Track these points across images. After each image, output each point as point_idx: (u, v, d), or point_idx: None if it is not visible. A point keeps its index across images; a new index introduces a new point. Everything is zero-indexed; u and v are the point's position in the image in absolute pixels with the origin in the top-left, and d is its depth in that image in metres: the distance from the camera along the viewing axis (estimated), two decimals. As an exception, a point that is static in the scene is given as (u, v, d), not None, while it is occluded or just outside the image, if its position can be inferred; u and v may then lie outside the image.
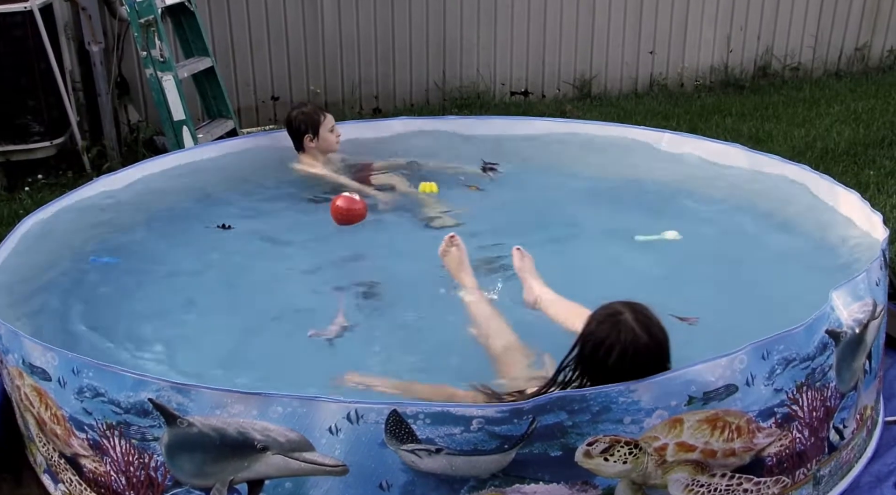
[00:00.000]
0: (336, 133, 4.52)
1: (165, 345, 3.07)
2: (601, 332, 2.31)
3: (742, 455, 2.41)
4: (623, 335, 2.28)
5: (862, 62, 8.99)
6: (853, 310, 2.65)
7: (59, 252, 3.66)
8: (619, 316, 2.31)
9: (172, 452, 2.37)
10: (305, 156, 4.52)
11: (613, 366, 2.29)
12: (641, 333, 2.29)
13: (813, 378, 2.51)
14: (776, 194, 4.03)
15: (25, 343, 2.61)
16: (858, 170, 5.86)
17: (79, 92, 6.29)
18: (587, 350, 2.34)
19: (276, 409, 2.26)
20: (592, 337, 2.33)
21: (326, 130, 4.47)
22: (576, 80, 8.22)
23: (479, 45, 7.89)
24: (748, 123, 7.13)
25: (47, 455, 2.74)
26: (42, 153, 5.94)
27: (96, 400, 2.42)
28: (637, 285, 3.40)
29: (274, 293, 3.54)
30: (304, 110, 4.50)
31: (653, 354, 2.31)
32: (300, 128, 4.46)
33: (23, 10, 5.63)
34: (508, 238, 3.56)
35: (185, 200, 4.30)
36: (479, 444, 2.21)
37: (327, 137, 4.48)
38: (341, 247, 3.84)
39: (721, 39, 8.47)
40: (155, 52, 5.68)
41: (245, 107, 7.38)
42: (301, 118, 4.46)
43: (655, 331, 2.33)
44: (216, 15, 7.12)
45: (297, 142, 4.51)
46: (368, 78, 7.70)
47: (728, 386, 2.34)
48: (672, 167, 4.48)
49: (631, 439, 2.27)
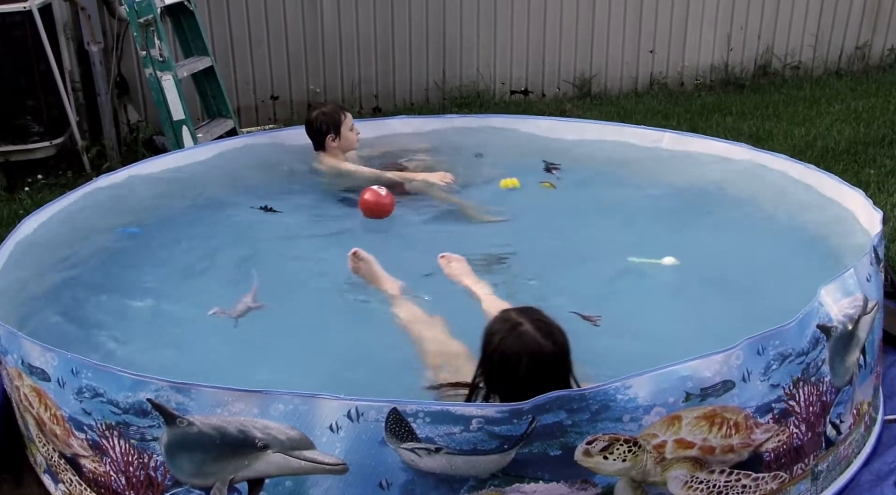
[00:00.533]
0: (355, 131, 4.54)
1: (165, 341, 3.09)
2: (506, 347, 2.32)
3: (740, 451, 2.41)
4: (529, 346, 2.30)
5: (862, 61, 8.99)
6: (843, 305, 2.66)
7: (62, 251, 3.67)
8: (519, 327, 2.33)
9: (172, 452, 2.36)
10: (326, 156, 4.52)
11: (525, 378, 2.30)
12: (545, 341, 2.31)
13: (808, 373, 2.51)
14: (779, 192, 4.04)
15: (24, 343, 2.60)
16: (859, 169, 5.87)
17: (78, 92, 6.29)
18: (496, 366, 2.35)
19: (277, 407, 2.25)
20: (498, 352, 2.33)
21: (347, 129, 4.50)
22: (576, 79, 8.22)
23: (479, 43, 7.89)
24: (748, 122, 7.14)
25: (47, 455, 2.74)
26: (42, 153, 5.94)
27: (95, 401, 2.41)
28: (641, 283, 3.45)
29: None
30: (324, 110, 4.53)
31: (559, 359, 2.34)
32: (322, 129, 4.48)
33: (22, 10, 5.63)
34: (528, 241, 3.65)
35: (190, 198, 4.33)
36: (478, 444, 2.21)
37: (348, 136, 4.51)
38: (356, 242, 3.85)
39: (721, 38, 8.47)
40: (154, 51, 5.69)
41: (244, 106, 7.38)
42: (322, 119, 4.48)
43: (557, 336, 2.35)
44: (215, 14, 7.13)
45: (317, 142, 4.52)
46: (368, 77, 7.70)
47: (725, 383, 2.34)
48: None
49: (630, 437, 2.27)
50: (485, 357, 2.38)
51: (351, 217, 4.13)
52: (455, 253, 3.47)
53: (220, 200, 4.34)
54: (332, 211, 4.28)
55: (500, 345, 2.33)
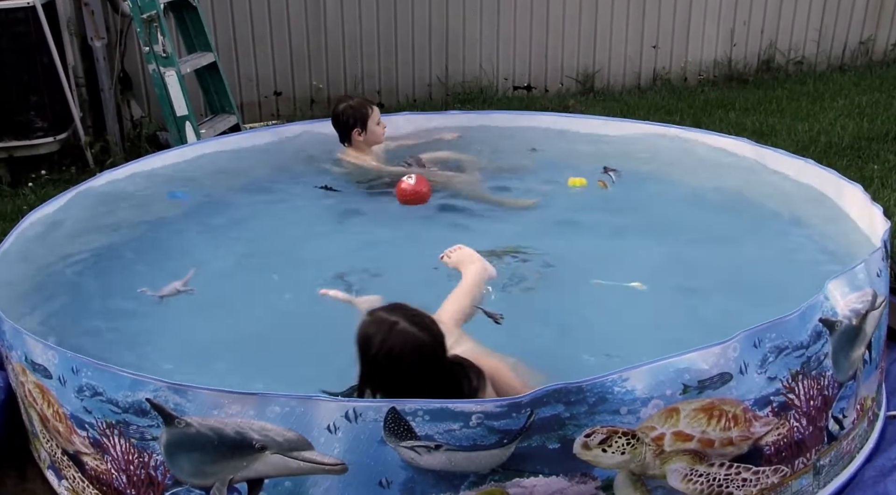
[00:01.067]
0: (382, 125, 4.51)
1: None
2: (390, 347, 2.34)
3: (740, 444, 2.41)
4: (411, 342, 2.34)
5: (866, 56, 8.96)
6: (851, 300, 2.64)
7: (67, 245, 3.68)
8: (396, 326, 2.36)
9: (171, 452, 2.37)
10: (351, 149, 4.50)
11: (414, 372, 2.35)
12: (423, 334, 2.36)
13: (808, 366, 2.50)
14: (781, 189, 4.03)
15: (27, 340, 2.61)
16: (862, 165, 5.85)
17: (82, 87, 6.31)
18: (382, 367, 2.37)
19: (273, 409, 2.25)
20: (383, 353, 2.35)
21: (374, 123, 4.45)
22: (579, 75, 8.22)
23: (481, 39, 7.89)
24: (752, 118, 7.13)
25: (51, 451, 2.76)
26: (45, 149, 5.96)
27: (95, 399, 2.42)
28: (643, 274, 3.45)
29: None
30: (351, 104, 4.47)
31: (439, 347, 2.40)
32: (348, 122, 4.44)
33: (25, 6, 5.65)
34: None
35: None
36: (478, 439, 2.21)
37: (375, 130, 4.47)
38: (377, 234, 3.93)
39: (725, 33, 8.45)
40: (157, 47, 5.70)
41: (248, 102, 7.39)
42: (350, 112, 4.43)
43: (432, 327, 2.40)
44: (218, 10, 7.13)
45: (344, 135, 4.49)
46: (371, 73, 7.70)
47: (722, 375, 2.34)
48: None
49: (628, 429, 2.27)
50: (367, 361, 2.38)
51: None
52: (471, 245, 3.40)
53: (219, 197, 4.36)
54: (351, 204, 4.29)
55: (383, 346, 2.34)
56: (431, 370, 2.37)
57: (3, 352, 2.87)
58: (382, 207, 4.16)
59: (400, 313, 2.40)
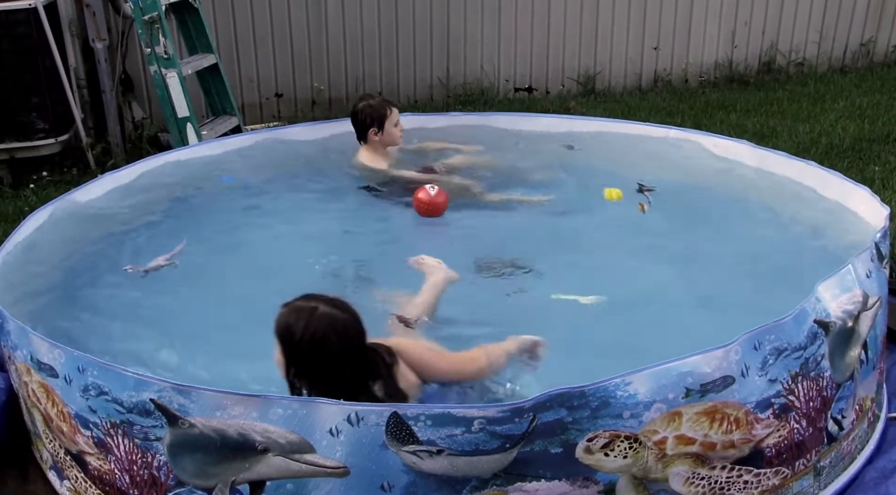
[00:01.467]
0: (399, 127, 4.51)
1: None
2: (314, 331, 2.40)
3: (741, 446, 2.42)
4: (335, 323, 2.42)
5: (867, 57, 8.96)
6: (842, 301, 2.66)
7: (71, 244, 3.69)
8: (316, 311, 2.42)
9: (174, 452, 2.37)
10: (367, 148, 4.50)
11: (339, 353, 2.42)
12: (344, 314, 2.45)
13: (807, 368, 2.52)
14: (784, 190, 4.03)
15: (33, 339, 2.62)
16: (863, 166, 5.86)
17: (83, 89, 6.32)
18: (307, 352, 2.42)
19: (276, 411, 2.26)
20: (307, 339, 2.40)
21: (391, 125, 4.45)
22: (580, 77, 8.22)
23: (482, 41, 7.89)
24: (753, 119, 7.13)
25: (53, 451, 2.76)
26: (47, 150, 5.97)
27: (100, 399, 2.43)
28: (642, 278, 3.45)
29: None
30: (370, 103, 4.47)
31: (359, 326, 2.48)
32: (365, 122, 4.44)
33: (27, 8, 5.66)
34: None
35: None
36: (480, 444, 2.21)
37: (392, 131, 4.47)
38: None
39: (726, 35, 8.45)
40: (159, 48, 5.70)
41: (249, 103, 7.40)
42: (368, 111, 4.43)
43: (349, 307, 2.49)
44: (220, 11, 7.14)
45: (360, 133, 4.49)
46: (372, 74, 7.71)
47: (725, 378, 2.34)
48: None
49: (631, 433, 2.27)
50: (292, 350, 2.44)
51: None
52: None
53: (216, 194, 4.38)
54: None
55: (307, 331, 2.40)
56: (354, 350, 2.45)
57: (6, 352, 2.87)
58: (384, 209, 4.17)
59: (316, 299, 2.47)
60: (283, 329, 2.44)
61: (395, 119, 4.46)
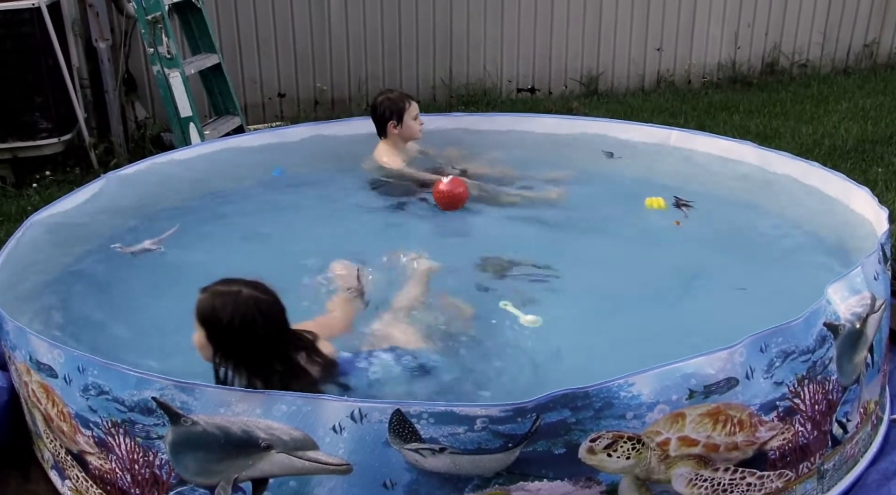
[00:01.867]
0: (419, 121, 4.52)
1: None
2: (241, 313, 2.46)
3: (745, 449, 2.41)
4: (259, 303, 2.48)
5: (870, 59, 8.96)
6: (851, 304, 2.65)
7: (74, 243, 3.68)
8: (240, 294, 2.48)
9: (176, 450, 2.37)
10: (386, 142, 4.52)
11: (264, 331, 2.48)
12: (265, 295, 2.52)
13: (814, 371, 2.51)
14: (786, 191, 4.02)
15: (32, 339, 2.61)
16: (866, 167, 5.85)
17: (86, 88, 6.32)
18: (237, 333, 2.47)
19: (279, 408, 2.26)
20: (236, 321, 2.45)
21: (410, 118, 4.47)
22: (583, 77, 8.22)
23: (485, 41, 7.90)
24: (756, 120, 7.12)
25: (54, 451, 2.76)
26: (49, 150, 5.96)
27: (101, 398, 2.42)
28: (647, 276, 3.44)
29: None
30: (389, 96, 4.50)
31: (280, 303, 2.55)
32: (384, 115, 4.46)
33: (31, 7, 5.65)
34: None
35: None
36: (482, 443, 2.21)
37: (411, 125, 4.48)
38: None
39: (729, 36, 8.45)
40: (162, 48, 5.71)
41: (252, 103, 7.40)
42: (386, 104, 4.46)
43: (268, 288, 2.55)
44: (223, 12, 7.14)
45: (380, 127, 4.51)
46: (375, 74, 7.71)
47: (729, 380, 2.34)
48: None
49: (634, 434, 2.27)
50: (220, 333, 2.48)
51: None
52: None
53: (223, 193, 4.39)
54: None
55: (234, 314, 2.45)
56: (280, 329, 2.53)
57: (6, 352, 2.87)
58: (389, 205, 4.18)
59: (237, 283, 2.52)
60: (208, 313, 2.48)
61: (413, 112, 4.48)
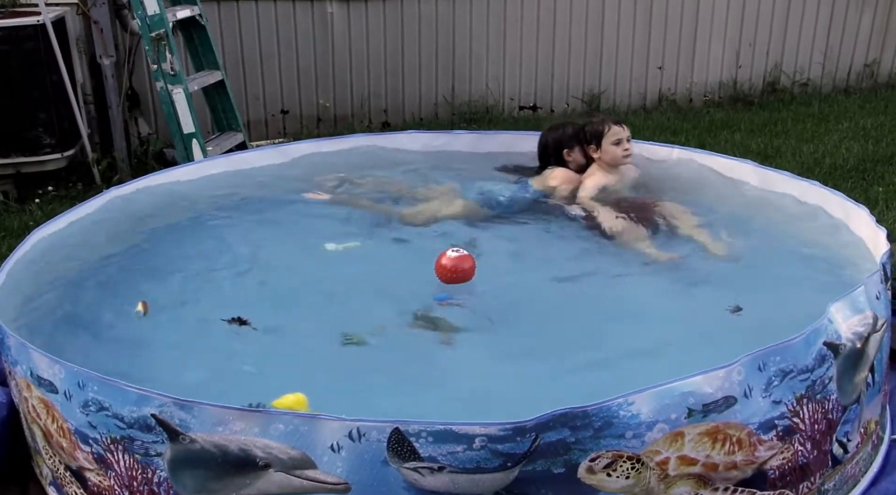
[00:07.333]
0: (626, 148, 4.36)
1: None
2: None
3: (744, 468, 2.40)
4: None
5: (871, 78, 8.98)
6: (853, 323, 2.65)
7: (74, 261, 3.67)
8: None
9: (175, 468, 2.37)
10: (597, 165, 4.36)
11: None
12: None
13: (813, 390, 2.50)
14: (785, 210, 4.02)
15: (33, 355, 2.61)
16: (867, 187, 5.85)
17: (90, 104, 6.36)
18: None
19: (277, 427, 2.26)
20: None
21: (609, 143, 4.36)
22: (584, 95, 8.24)
23: (488, 59, 7.93)
24: (757, 139, 7.13)
25: (53, 467, 2.75)
26: (53, 165, 5.98)
27: (101, 414, 2.42)
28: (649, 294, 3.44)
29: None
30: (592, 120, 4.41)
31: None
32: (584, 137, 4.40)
33: (35, 24, 5.69)
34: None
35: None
36: (481, 462, 2.21)
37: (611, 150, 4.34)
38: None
39: (730, 55, 8.48)
40: (166, 65, 5.74)
41: (254, 120, 7.42)
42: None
43: None
44: (227, 29, 7.18)
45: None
46: (378, 92, 7.74)
47: (727, 398, 2.34)
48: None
49: (633, 453, 2.26)
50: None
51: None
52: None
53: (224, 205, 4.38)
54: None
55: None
56: None
57: (7, 367, 2.87)
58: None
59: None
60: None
61: (614, 137, 4.34)
